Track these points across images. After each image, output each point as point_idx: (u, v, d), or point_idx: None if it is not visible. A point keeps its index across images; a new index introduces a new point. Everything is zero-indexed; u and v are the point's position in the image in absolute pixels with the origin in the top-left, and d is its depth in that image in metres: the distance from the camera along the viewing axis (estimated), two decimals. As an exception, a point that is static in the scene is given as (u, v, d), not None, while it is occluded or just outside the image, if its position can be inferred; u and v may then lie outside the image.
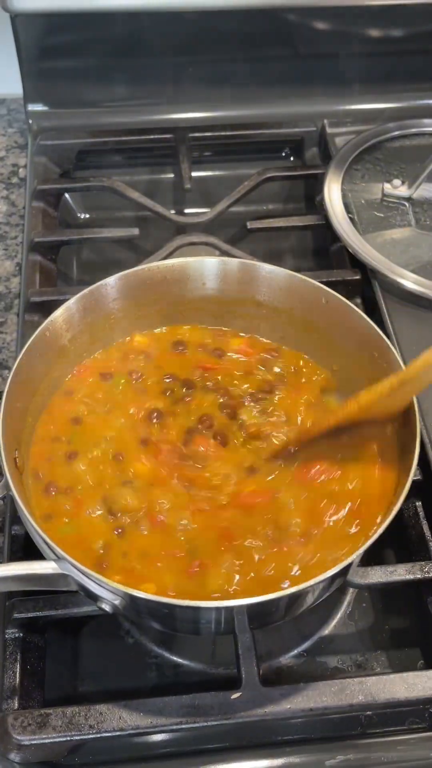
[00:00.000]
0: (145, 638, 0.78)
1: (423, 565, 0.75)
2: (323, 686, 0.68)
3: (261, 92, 1.24)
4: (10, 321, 1.01)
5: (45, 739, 0.66)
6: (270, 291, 0.85)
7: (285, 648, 0.78)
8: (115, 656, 0.78)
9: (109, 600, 0.64)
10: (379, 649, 0.79)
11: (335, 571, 0.63)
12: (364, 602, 0.82)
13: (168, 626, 0.72)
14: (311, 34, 1.19)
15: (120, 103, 1.24)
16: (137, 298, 0.85)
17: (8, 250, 1.10)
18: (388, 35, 1.20)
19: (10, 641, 0.72)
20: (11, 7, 1.09)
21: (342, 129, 1.18)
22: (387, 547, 0.84)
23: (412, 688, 0.68)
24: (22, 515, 0.66)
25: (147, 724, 0.66)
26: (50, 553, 0.65)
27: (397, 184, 1.07)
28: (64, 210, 1.17)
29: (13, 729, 0.66)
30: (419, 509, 0.81)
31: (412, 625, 0.81)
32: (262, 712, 0.67)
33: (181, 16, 1.14)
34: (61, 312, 0.80)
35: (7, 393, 0.72)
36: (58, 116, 1.22)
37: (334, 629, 0.80)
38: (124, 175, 1.16)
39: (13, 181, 1.21)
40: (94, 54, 1.19)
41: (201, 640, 0.78)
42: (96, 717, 0.66)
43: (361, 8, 1.17)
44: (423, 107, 1.24)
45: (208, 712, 0.66)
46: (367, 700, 0.68)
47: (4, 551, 0.77)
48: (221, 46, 1.20)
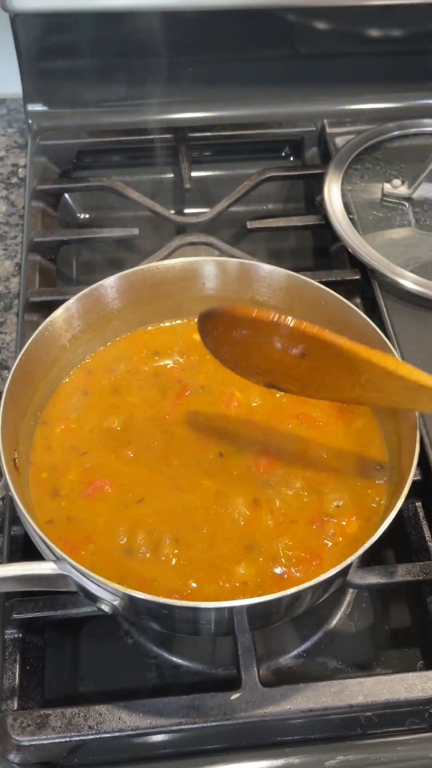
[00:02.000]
0: (144, 639, 0.78)
1: (423, 566, 0.75)
2: (323, 687, 0.68)
3: (261, 92, 1.24)
4: (9, 321, 1.01)
5: (44, 740, 0.66)
6: (270, 291, 0.85)
7: (285, 649, 0.78)
8: (115, 657, 0.77)
9: (108, 601, 0.64)
10: (379, 649, 0.79)
11: (335, 571, 0.63)
12: (364, 603, 0.81)
13: (167, 627, 0.72)
14: (311, 33, 1.19)
15: (120, 103, 1.24)
16: (137, 299, 0.85)
17: (8, 250, 1.10)
18: (388, 35, 1.20)
19: (10, 642, 0.72)
20: (11, 7, 1.09)
21: (342, 129, 1.18)
22: (387, 548, 0.84)
23: (412, 689, 0.68)
24: (22, 516, 0.66)
25: (146, 724, 0.66)
26: (49, 554, 0.65)
27: (397, 184, 1.07)
28: (63, 210, 1.17)
29: (13, 729, 0.66)
30: (419, 509, 0.81)
31: (412, 625, 0.81)
32: (261, 713, 0.66)
33: (180, 16, 1.14)
34: (61, 312, 0.80)
35: (7, 393, 0.72)
36: (58, 116, 1.22)
37: (334, 630, 0.79)
38: (123, 175, 1.16)
39: (13, 181, 1.20)
40: (94, 54, 1.19)
41: (201, 640, 0.78)
42: (95, 718, 0.66)
43: (361, 8, 1.17)
44: (423, 107, 1.24)
45: (207, 713, 0.66)
46: (366, 700, 0.67)
47: (3, 552, 0.77)
48: (221, 45, 1.20)
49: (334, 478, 0.76)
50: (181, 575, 0.69)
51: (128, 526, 0.73)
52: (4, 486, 0.68)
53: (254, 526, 0.72)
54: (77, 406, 0.82)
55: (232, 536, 0.72)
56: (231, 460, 0.77)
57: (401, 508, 0.66)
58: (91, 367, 0.85)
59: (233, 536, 0.72)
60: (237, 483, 0.75)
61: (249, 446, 0.78)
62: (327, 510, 0.74)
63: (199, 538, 0.72)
